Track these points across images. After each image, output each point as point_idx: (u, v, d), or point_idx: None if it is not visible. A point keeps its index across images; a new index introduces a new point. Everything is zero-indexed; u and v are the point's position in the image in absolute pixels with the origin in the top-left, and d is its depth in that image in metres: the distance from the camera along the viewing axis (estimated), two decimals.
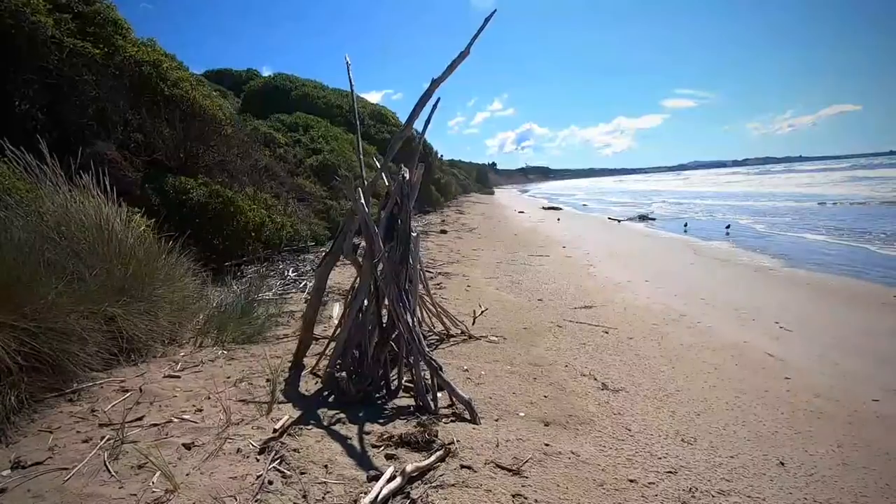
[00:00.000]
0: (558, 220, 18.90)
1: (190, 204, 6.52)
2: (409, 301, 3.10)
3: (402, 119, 3.52)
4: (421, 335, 3.06)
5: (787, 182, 42.31)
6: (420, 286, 3.95)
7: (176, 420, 2.57)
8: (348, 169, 11.59)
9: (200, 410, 2.69)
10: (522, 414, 2.85)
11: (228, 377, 3.19)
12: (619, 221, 17.91)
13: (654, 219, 18.04)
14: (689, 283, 6.97)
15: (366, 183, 3.51)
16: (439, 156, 32.63)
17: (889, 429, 2.94)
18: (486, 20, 3.30)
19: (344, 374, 2.89)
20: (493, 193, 54.63)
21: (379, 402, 2.92)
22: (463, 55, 3.27)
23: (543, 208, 26.21)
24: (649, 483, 2.25)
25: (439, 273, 7.28)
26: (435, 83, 3.27)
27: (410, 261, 3.25)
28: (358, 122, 3.88)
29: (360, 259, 3.45)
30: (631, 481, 2.26)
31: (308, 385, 3.16)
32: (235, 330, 4.00)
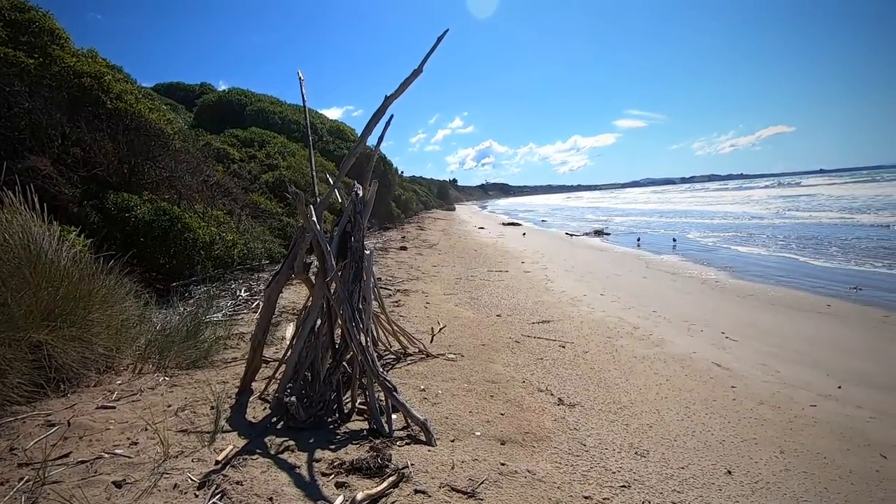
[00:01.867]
0: (523, 234, 19.22)
1: (133, 221, 6.20)
2: (362, 320, 3.02)
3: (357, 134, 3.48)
4: (375, 355, 2.98)
5: (731, 199, 44.72)
6: (375, 304, 3.88)
7: (107, 455, 2.38)
8: (306, 185, 11.39)
9: (135, 444, 2.51)
10: (479, 433, 2.81)
11: (169, 406, 3.00)
12: (572, 236, 18.39)
13: (608, 234, 18.61)
14: (641, 296, 7.18)
15: (319, 199, 3.43)
16: (399, 172, 32.63)
17: (825, 433, 3.08)
18: (439, 39, 3.33)
19: (294, 398, 2.77)
20: (453, 209, 54.97)
21: (331, 426, 2.81)
22: (416, 73, 3.28)
23: (503, 224, 26.56)
24: (604, 499, 2.25)
25: (398, 290, 7.20)
26: (388, 100, 3.26)
27: (364, 278, 3.18)
28: (310, 137, 3.80)
29: (313, 278, 3.35)
30: (586, 498, 2.25)
31: (256, 411, 3.01)
32: (179, 354, 3.79)
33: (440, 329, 5.03)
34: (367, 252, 3.22)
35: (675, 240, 15.34)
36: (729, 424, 3.15)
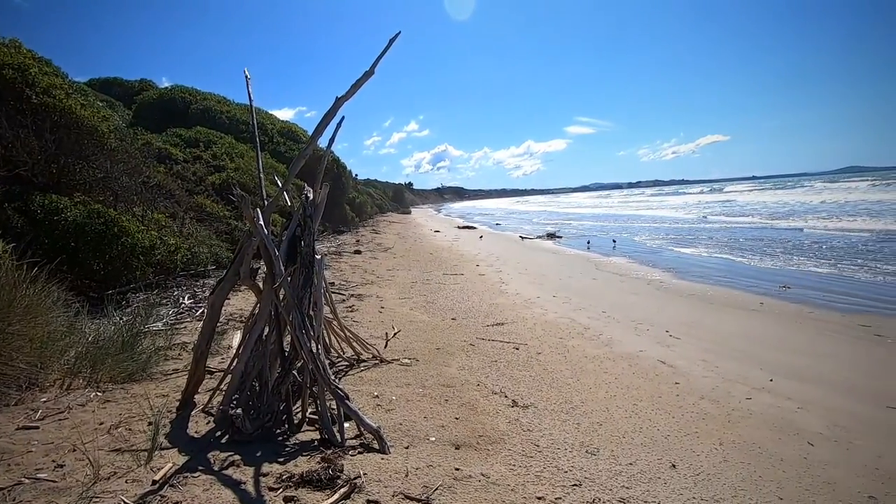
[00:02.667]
0: (480, 237, 19.45)
1: (63, 225, 5.76)
2: (313, 327, 2.93)
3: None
4: (326, 363, 2.90)
5: (671, 203, 46.98)
6: (327, 310, 3.78)
7: (28, 480, 2.18)
8: (255, 187, 11.01)
9: (61, 466, 2.32)
10: (433, 438, 2.79)
11: (101, 423, 2.80)
12: (525, 239, 18.75)
13: (560, 236, 19.10)
14: (592, 297, 7.40)
15: (267, 202, 3.31)
16: (354, 175, 32.22)
17: (759, 424, 3.27)
18: (391, 41, 3.29)
19: (239, 410, 2.64)
20: (409, 213, 54.85)
21: (280, 438, 2.71)
22: (367, 74, 3.23)
23: (458, 227, 26.71)
24: (556, 499, 2.29)
25: (352, 295, 7.08)
26: (339, 101, 3.19)
27: (315, 283, 3.09)
28: (258, 138, 3.66)
29: (261, 284, 3.23)
30: (539, 498, 2.28)
31: (199, 426, 2.86)
32: (114, 367, 3.55)
33: (394, 334, 4.98)
34: (318, 257, 3.13)
35: (615, 241, 16.50)
36: (673, 419, 3.29)
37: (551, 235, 19.48)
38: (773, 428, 3.22)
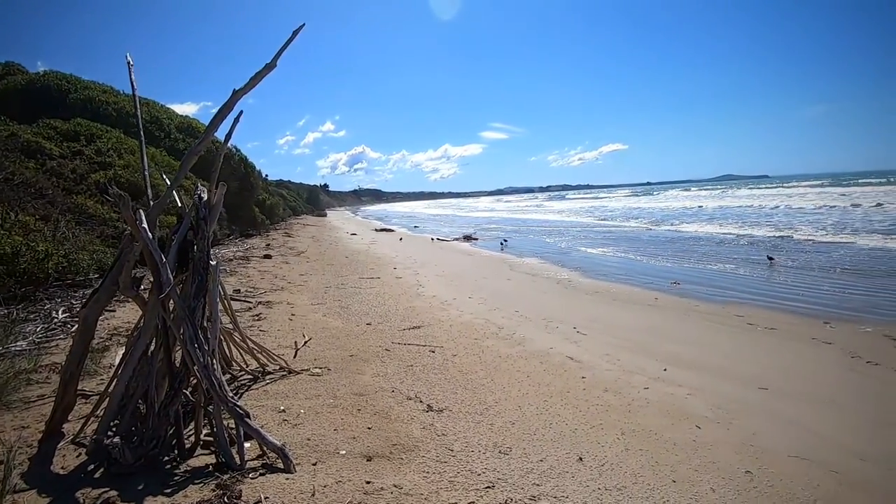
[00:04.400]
0: (400, 239, 19.32)
1: None
2: (207, 340, 2.67)
3: (215, 134, 3.08)
4: (223, 379, 2.65)
5: (571, 208, 50.03)
6: (227, 320, 3.50)
7: None
8: (149, 187, 9.98)
9: None
10: (344, 452, 2.66)
11: None
12: (443, 241, 18.97)
13: (476, 238, 19.55)
14: (506, 297, 7.60)
15: (151, 202, 2.97)
16: (264, 175, 30.61)
17: (655, 412, 3.51)
18: (295, 33, 3.11)
19: (117, 438, 2.32)
20: (325, 215, 53.26)
21: (168, 466, 2.42)
22: (269, 67, 3.02)
23: (376, 230, 26.34)
24: (469, 503, 2.26)
25: (260, 302, 6.66)
26: (236, 94, 2.95)
27: (210, 292, 2.82)
28: (141, 131, 3.29)
29: (147, 294, 2.89)
30: None
31: (67, 460, 2.48)
32: None
33: (305, 342, 4.74)
34: (213, 263, 2.87)
35: (506, 240, 17.56)
36: (580, 413, 3.43)
37: (468, 237, 19.87)
38: (667, 415, 3.47)
